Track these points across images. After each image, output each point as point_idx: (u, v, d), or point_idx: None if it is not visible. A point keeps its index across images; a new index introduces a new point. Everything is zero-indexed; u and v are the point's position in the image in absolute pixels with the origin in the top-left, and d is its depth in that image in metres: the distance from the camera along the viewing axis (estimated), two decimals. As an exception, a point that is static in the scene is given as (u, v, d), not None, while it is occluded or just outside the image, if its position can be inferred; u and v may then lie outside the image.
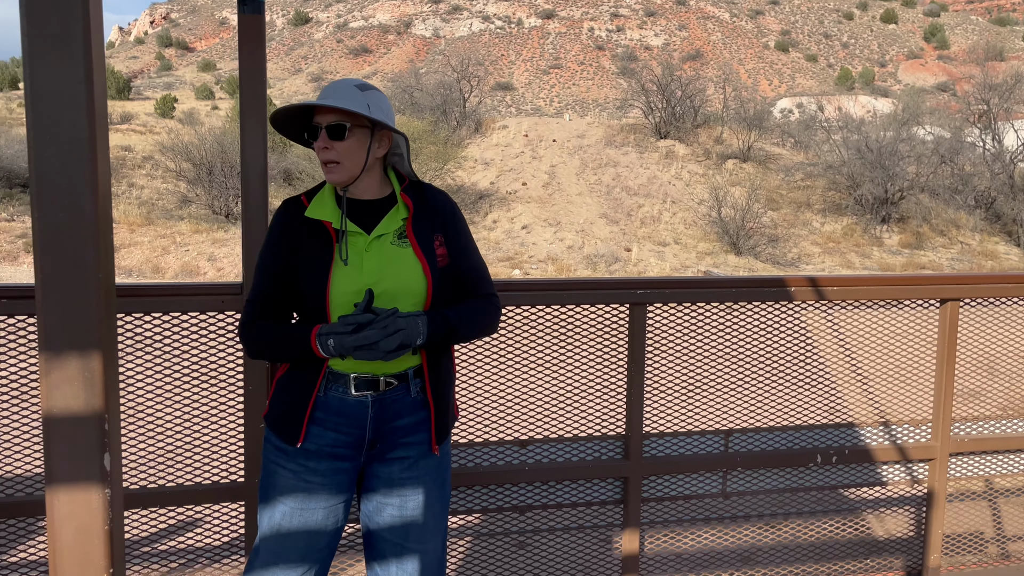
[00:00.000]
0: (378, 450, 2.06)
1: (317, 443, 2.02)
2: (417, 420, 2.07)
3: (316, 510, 2.03)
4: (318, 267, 1.98)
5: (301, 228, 2.02)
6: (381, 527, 2.09)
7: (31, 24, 0.98)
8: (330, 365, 2.02)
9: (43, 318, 1.04)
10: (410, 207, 2.06)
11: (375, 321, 1.86)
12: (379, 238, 2.01)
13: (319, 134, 1.99)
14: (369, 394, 2.01)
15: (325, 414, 2.02)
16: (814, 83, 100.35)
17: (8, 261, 19.01)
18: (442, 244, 2.08)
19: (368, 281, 1.97)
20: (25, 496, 2.74)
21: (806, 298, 3.26)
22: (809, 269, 23.09)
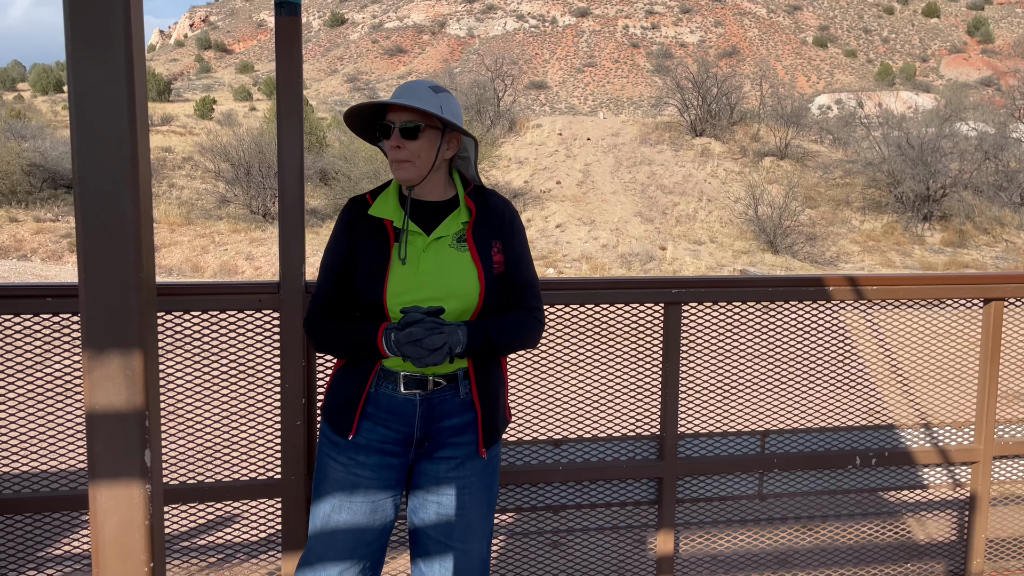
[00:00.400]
0: (426, 449, 2.09)
1: (367, 438, 2.07)
2: (465, 421, 2.09)
3: (363, 503, 2.06)
4: (376, 265, 2.02)
5: (362, 226, 2.07)
6: (426, 524, 2.11)
7: (74, 29, 1.00)
8: (383, 363, 2.06)
9: (86, 316, 1.06)
10: (472, 211, 2.09)
11: (421, 321, 1.90)
12: (438, 240, 2.04)
13: (391, 132, 2.02)
14: (417, 393, 2.05)
15: (376, 409, 2.06)
16: (853, 79, 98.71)
17: (53, 260, 19.48)
18: (499, 251, 2.10)
19: (423, 281, 2.00)
20: (69, 491, 2.80)
21: (845, 297, 3.21)
22: (848, 268, 22.72)
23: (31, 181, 24.44)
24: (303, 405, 2.83)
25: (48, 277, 17.05)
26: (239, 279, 18.69)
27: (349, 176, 25.78)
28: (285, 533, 2.89)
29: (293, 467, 2.85)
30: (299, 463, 2.85)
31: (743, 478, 3.26)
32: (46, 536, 2.85)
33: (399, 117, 2.02)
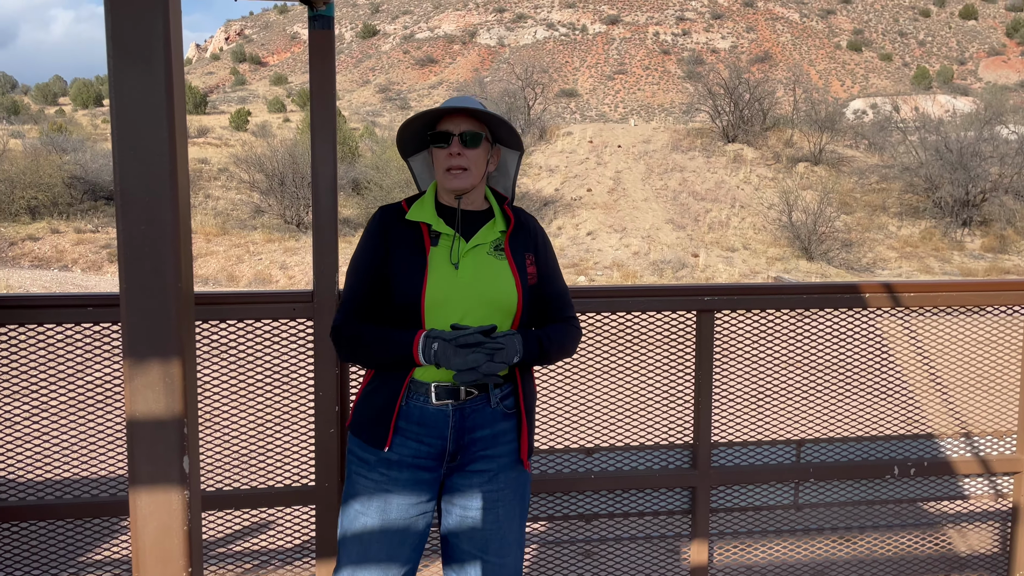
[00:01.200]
0: (459, 462, 2.08)
1: (399, 453, 2.04)
2: (496, 432, 2.09)
3: (397, 519, 2.04)
4: (413, 270, 2.01)
5: (396, 232, 2.06)
6: (460, 537, 2.10)
7: (115, 44, 1.03)
8: (413, 375, 2.03)
9: (127, 325, 1.08)
10: (512, 221, 2.12)
11: (483, 344, 1.89)
12: (476, 247, 2.05)
13: (451, 140, 2.02)
14: (450, 403, 2.03)
15: (407, 423, 2.04)
16: (889, 83, 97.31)
17: (93, 270, 19.89)
18: (533, 263, 2.12)
19: (462, 285, 2.00)
20: (109, 496, 2.85)
21: (882, 304, 3.16)
22: (885, 274, 22.35)
23: (72, 193, 25.00)
24: (336, 413, 2.85)
25: (88, 287, 17.40)
26: (273, 288, 18.92)
27: (381, 185, 25.99)
28: (319, 540, 2.91)
29: (327, 474, 2.87)
30: (332, 470, 2.87)
31: (778, 488, 3.22)
32: (87, 541, 2.91)
33: (459, 126, 2.04)
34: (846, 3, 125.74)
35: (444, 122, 2.06)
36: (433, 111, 2.05)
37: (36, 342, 2.81)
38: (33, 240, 21.56)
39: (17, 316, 2.72)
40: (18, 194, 23.59)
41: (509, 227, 2.11)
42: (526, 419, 2.10)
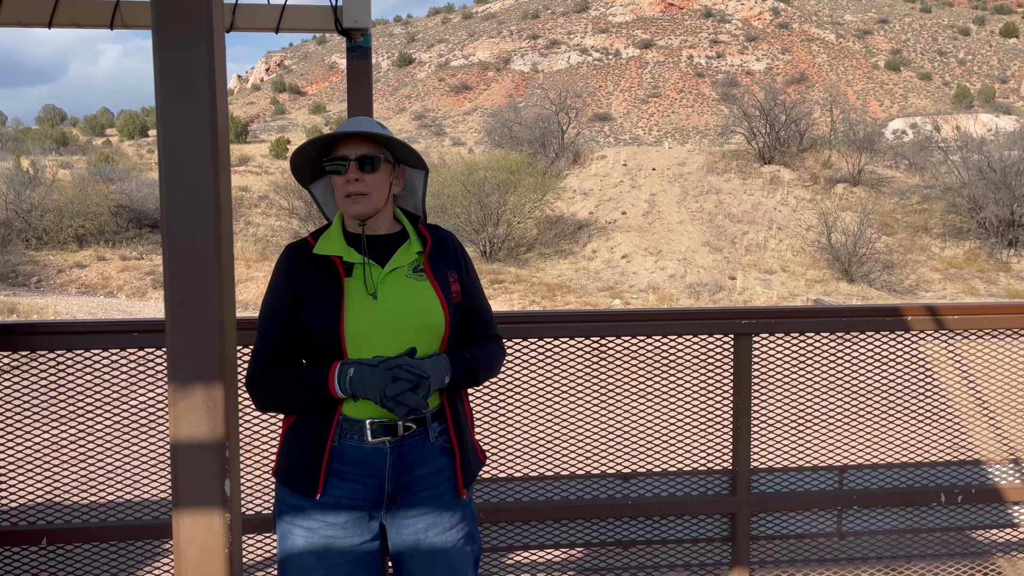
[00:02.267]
0: (399, 504, 1.96)
1: (335, 496, 1.91)
2: (437, 468, 1.98)
3: (340, 565, 1.92)
4: (329, 305, 1.91)
5: (308, 269, 1.96)
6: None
7: (163, 79, 1.07)
8: (343, 412, 1.92)
9: (172, 350, 1.11)
10: (428, 241, 2.03)
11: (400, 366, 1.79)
12: (393, 271, 1.96)
13: (347, 166, 1.94)
14: (387, 440, 1.91)
15: (341, 464, 1.91)
16: (929, 102, 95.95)
17: (137, 297, 20.32)
18: (456, 280, 2.04)
19: (384, 313, 1.91)
20: (152, 520, 2.90)
21: (925, 327, 3.10)
22: (929, 296, 21.89)
23: (118, 221, 25.64)
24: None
25: (133, 313, 17.78)
26: (311, 313, 19.07)
27: (417, 211, 26.21)
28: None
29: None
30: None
31: (821, 515, 3.15)
32: (130, 563, 2.95)
33: (354, 150, 1.95)
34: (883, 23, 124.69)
35: (340, 147, 1.97)
36: (325, 137, 1.97)
37: (83, 367, 2.88)
38: (80, 267, 22.12)
39: (65, 342, 2.80)
40: (66, 223, 24.26)
41: (426, 247, 2.02)
42: (459, 450, 1.98)
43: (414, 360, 1.84)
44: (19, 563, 2.86)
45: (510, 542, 3.09)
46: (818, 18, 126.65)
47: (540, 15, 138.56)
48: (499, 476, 3.12)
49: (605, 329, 3.00)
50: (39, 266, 22.04)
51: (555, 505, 3.04)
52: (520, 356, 3.06)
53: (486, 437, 3.18)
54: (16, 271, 21.36)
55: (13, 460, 2.95)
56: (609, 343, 3.08)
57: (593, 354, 3.12)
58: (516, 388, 3.10)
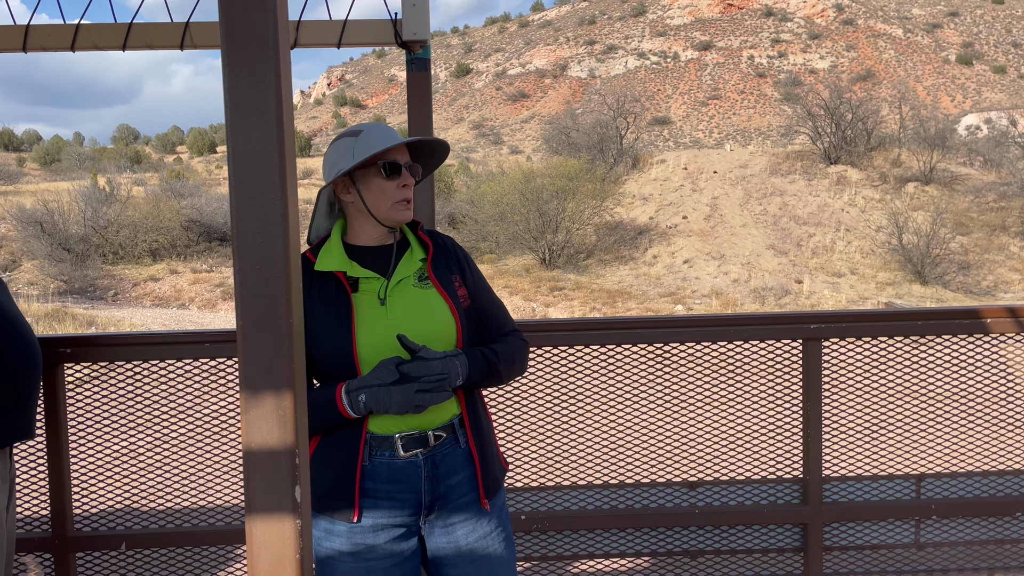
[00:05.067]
0: (436, 514, 1.93)
1: (372, 518, 1.87)
2: (469, 474, 1.95)
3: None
4: (338, 323, 1.85)
5: (311, 287, 1.90)
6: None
7: (233, 99, 1.10)
8: (370, 429, 1.87)
9: (243, 360, 1.14)
10: (430, 247, 2.00)
11: (419, 377, 1.76)
12: (400, 282, 1.92)
13: (402, 171, 1.93)
14: (419, 452, 1.87)
15: (375, 483, 1.87)
16: (1004, 96, 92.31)
17: (208, 308, 20.95)
18: (461, 285, 2.00)
19: (396, 326, 1.86)
20: (225, 526, 2.98)
21: (1005, 330, 2.98)
22: (1008, 298, 21.00)
23: (189, 235, 26.50)
24: None
25: (204, 324, 18.33)
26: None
27: (476, 219, 26.42)
28: (422, 571, 2.94)
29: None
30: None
31: (897, 525, 3.05)
32: (204, 568, 3.03)
33: (403, 156, 1.95)
34: (953, 16, 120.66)
35: (390, 153, 1.94)
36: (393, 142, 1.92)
37: (158, 376, 2.98)
38: (154, 281, 22.93)
39: (141, 353, 2.90)
40: (140, 238, 25.19)
41: (428, 253, 1.98)
42: (479, 458, 1.94)
43: (424, 364, 1.78)
44: (100, 567, 2.97)
45: (575, 551, 3.07)
46: (884, 13, 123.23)
47: (596, 21, 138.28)
48: (563, 484, 3.11)
49: (669, 335, 2.97)
50: (115, 280, 22.94)
51: (619, 513, 3.01)
52: (582, 363, 3.05)
53: (548, 445, 3.17)
54: (94, 285, 22.27)
55: (93, 467, 3.06)
56: (673, 349, 3.04)
57: (657, 361, 3.09)
58: (579, 395, 3.09)
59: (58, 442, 2.83)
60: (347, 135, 1.98)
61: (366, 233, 1.97)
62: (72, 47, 2.85)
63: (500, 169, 36.10)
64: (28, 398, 2.33)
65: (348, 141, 1.95)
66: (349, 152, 1.93)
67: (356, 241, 1.98)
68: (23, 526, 2.95)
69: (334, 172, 1.95)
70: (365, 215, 1.95)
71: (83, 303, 20.08)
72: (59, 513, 2.86)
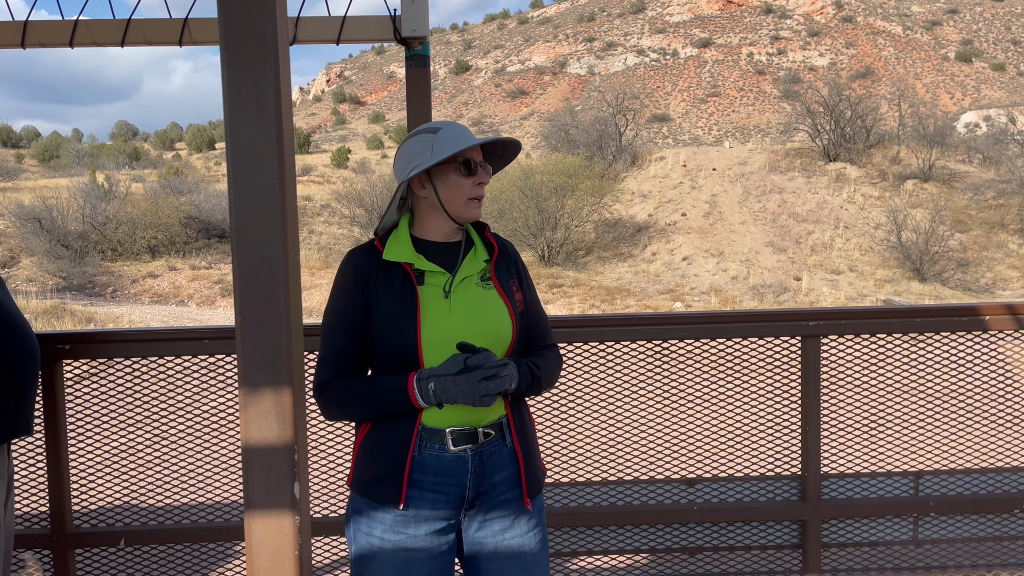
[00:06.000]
0: (477, 509, 1.98)
1: (415, 507, 1.92)
2: (513, 473, 1.99)
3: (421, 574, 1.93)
4: (403, 314, 1.89)
5: (377, 276, 1.94)
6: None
7: (231, 95, 1.10)
8: (423, 421, 1.91)
9: (242, 356, 1.13)
10: (495, 249, 2.04)
11: (481, 366, 1.80)
12: (464, 280, 1.96)
13: (477, 169, 1.98)
14: (468, 448, 1.92)
15: (422, 475, 1.91)
16: (1003, 94, 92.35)
17: (207, 305, 20.94)
18: (518, 290, 2.05)
19: (459, 322, 1.91)
20: (224, 522, 2.98)
21: (1004, 327, 2.98)
22: (1007, 295, 21.02)
23: (187, 232, 26.48)
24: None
25: (203, 321, 18.32)
26: (373, 319, 19.34)
27: (476, 216, 26.39)
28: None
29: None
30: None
31: (895, 522, 3.05)
32: (204, 564, 3.03)
33: (478, 156, 2.00)
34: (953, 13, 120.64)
35: (469, 151, 1.99)
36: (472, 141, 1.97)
37: (156, 373, 2.98)
38: (153, 277, 22.92)
39: (140, 349, 2.90)
40: (139, 235, 25.17)
41: (493, 255, 2.02)
42: (522, 457, 1.99)
43: (488, 354, 1.84)
44: (99, 564, 2.97)
45: (574, 547, 3.07)
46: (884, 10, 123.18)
47: (596, 17, 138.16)
48: (562, 481, 3.11)
49: (668, 332, 2.97)
50: (114, 276, 22.92)
51: (619, 510, 3.01)
52: (581, 360, 3.05)
53: (549, 442, 3.17)
54: (93, 281, 22.26)
55: (92, 464, 3.06)
56: (672, 346, 3.04)
57: (655, 358, 3.09)
58: (578, 392, 3.09)
59: (57, 439, 2.83)
60: (425, 132, 2.01)
61: (435, 228, 2.01)
62: (71, 43, 2.84)
63: (499, 166, 36.01)
64: (26, 395, 2.33)
65: (426, 138, 1.98)
66: (427, 149, 1.96)
67: (423, 235, 2.01)
68: (22, 523, 2.95)
69: (411, 167, 1.97)
70: (438, 210, 1.99)
71: (82, 300, 20.07)
72: (58, 510, 2.86)
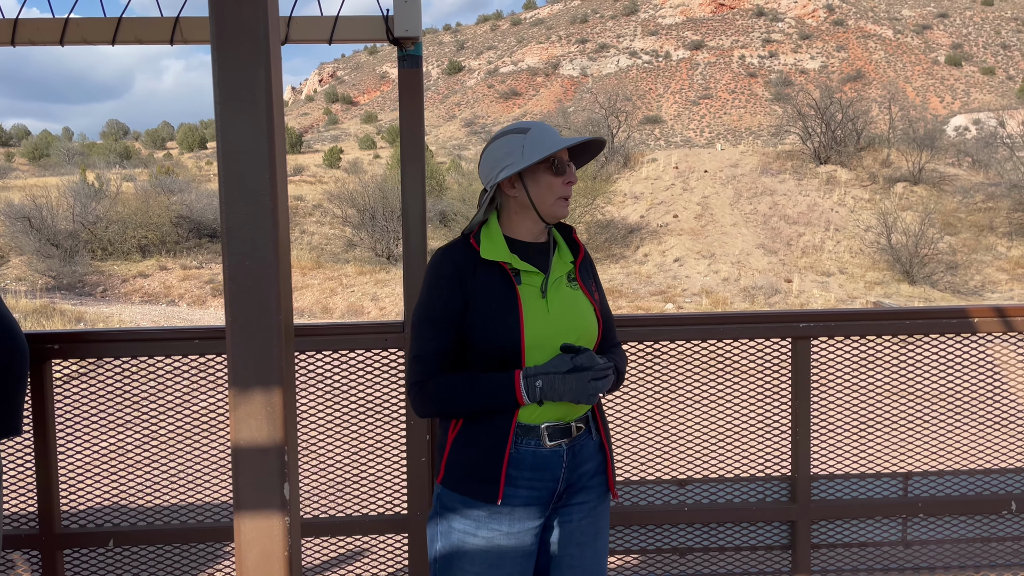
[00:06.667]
0: (564, 500, 2.03)
1: (510, 504, 1.94)
2: (596, 464, 2.06)
3: (512, 572, 1.96)
4: (506, 313, 1.91)
5: (476, 274, 1.95)
6: (561, 569, 2.06)
7: (222, 93, 1.09)
8: (519, 419, 1.93)
9: (232, 356, 1.13)
10: (581, 250, 2.08)
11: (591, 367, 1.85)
12: (556, 280, 2.00)
13: (567, 168, 2.00)
14: (564, 442, 1.96)
15: (517, 471, 1.94)
16: (992, 97, 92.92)
17: (198, 305, 20.86)
18: (596, 290, 2.09)
19: (556, 321, 1.94)
20: (213, 523, 2.97)
21: (992, 329, 3.00)
22: (995, 297, 21.14)
23: (179, 232, 26.38)
24: (427, 441, 2.89)
25: (194, 321, 18.25)
26: (365, 319, 19.38)
27: (467, 217, 26.39)
28: (412, 568, 2.94)
29: (419, 503, 2.91)
30: (424, 499, 2.90)
31: (884, 523, 3.07)
32: (193, 565, 3.02)
33: (566, 155, 2.03)
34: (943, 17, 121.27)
35: (559, 151, 2.00)
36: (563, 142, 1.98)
37: (146, 373, 2.97)
38: (143, 277, 22.82)
39: (129, 349, 2.88)
40: (130, 234, 25.06)
41: (579, 257, 2.07)
42: (608, 450, 2.08)
43: (592, 355, 1.87)
44: (88, 565, 2.96)
45: (564, 548, 3.07)
46: (874, 14, 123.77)
47: (589, 19, 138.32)
48: (553, 482, 3.11)
49: (659, 333, 2.97)
50: (104, 276, 22.80)
51: (610, 511, 3.02)
52: (573, 361, 3.05)
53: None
54: (83, 281, 22.14)
55: (81, 464, 3.05)
56: (663, 347, 3.05)
57: (646, 359, 3.09)
58: (569, 393, 3.09)
59: (45, 439, 2.81)
60: (514, 132, 2.02)
61: (524, 228, 2.03)
62: (61, 41, 2.83)
63: (491, 167, 35.97)
64: (15, 394, 2.31)
65: (516, 138, 2.00)
66: (518, 149, 1.98)
67: (513, 235, 2.03)
68: (10, 523, 2.93)
69: (500, 167, 1.99)
70: (527, 210, 2.01)
71: (71, 299, 19.95)
72: (46, 510, 2.85)
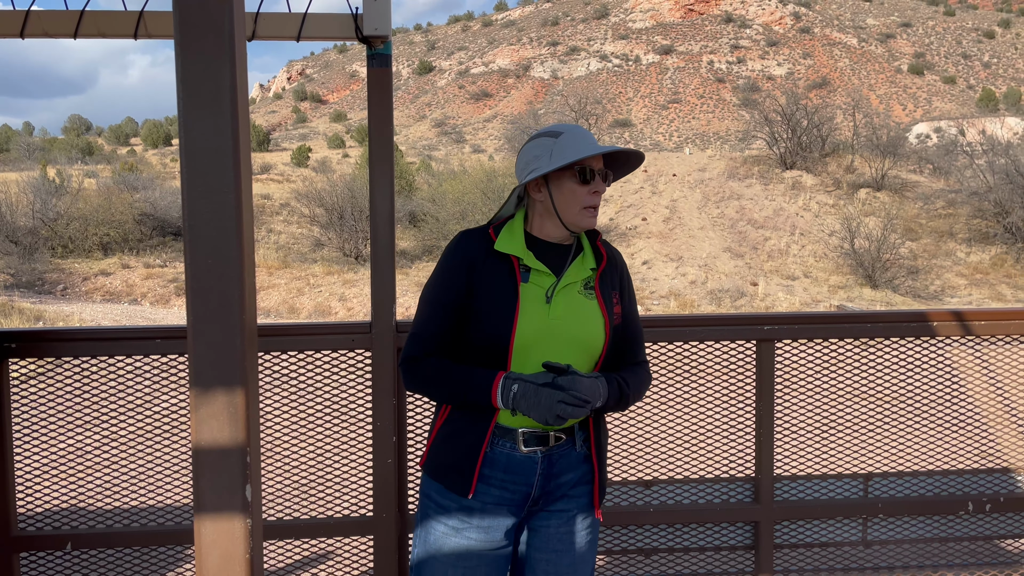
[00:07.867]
0: (540, 507, 2.02)
1: (482, 500, 1.95)
2: (579, 475, 2.02)
3: (477, 568, 1.96)
4: (502, 306, 1.89)
5: (484, 263, 1.94)
6: None
7: (186, 90, 1.08)
8: (498, 420, 1.94)
9: (193, 356, 1.11)
10: (604, 259, 2.03)
11: (567, 389, 1.80)
12: (568, 285, 1.96)
13: (594, 177, 1.95)
14: (539, 450, 1.94)
15: (491, 470, 1.94)
16: (953, 106, 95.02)
17: (161, 304, 20.54)
18: (619, 303, 2.04)
19: (554, 325, 1.91)
20: (174, 525, 2.92)
21: (951, 333, 3.06)
22: (954, 302, 21.61)
23: (142, 229, 25.95)
24: (394, 443, 2.88)
25: (156, 320, 17.97)
26: (333, 320, 19.23)
27: (437, 218, 26.33)
28: (377, 570, 2.92)
29: (384, 505, 2.89)
30: (390, 501, 2.89)
31: (845, 523, 3.11)
32: (153, 568, 2.97)
33: (598, 163, 1.97)
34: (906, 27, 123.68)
35: (587, 159, 1.95)
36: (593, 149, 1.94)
37: (107, 373, 2.91)
38: (105, 275, 22.41)
39: (89, 348, 2.83)
40: (91, 231, 24.60)
41: (601, 264, 2.01)
42: (597, 467, 2.02)
43: (576, 379, 1.82)
44: (45, 568, 2.89)
45: (531, 549, 3.08)
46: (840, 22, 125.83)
47: (559, 22, 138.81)
48: (519, 483, 3.11)
49: (626, 335, 2.99)
50: (65, 274, 22.34)
51: (576, 512, 3.03)
52: (540, 363, 3.05)
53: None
54: (43, 279, 21.68)
55: (38, 466, 2.98)
56: (630, 349, 3.06)
57: (614, 361, 3.11)
58: (536, 395, 3.09)
59: (2, 440, 2.75)
60: (546, 135, 1.99)
61: (547, 230, 2.00)
62: (22, 34, 2.77)
63: (462, 168, 36.02)
64: (-31, 394, 2.26)
65: (547, 141, 1.97)
66: (547, 153, 1.95)
67: (537, 233, 2.01)
68: (-37, 526, 2.86)
69: (528, 171, 1.97)
70: (551, 215, 1.98)
71: (30, 297, 19.52)
72: (2, 513, 2.78)
